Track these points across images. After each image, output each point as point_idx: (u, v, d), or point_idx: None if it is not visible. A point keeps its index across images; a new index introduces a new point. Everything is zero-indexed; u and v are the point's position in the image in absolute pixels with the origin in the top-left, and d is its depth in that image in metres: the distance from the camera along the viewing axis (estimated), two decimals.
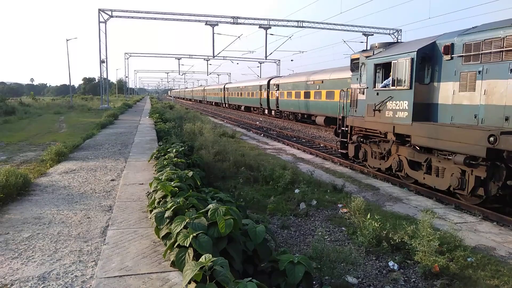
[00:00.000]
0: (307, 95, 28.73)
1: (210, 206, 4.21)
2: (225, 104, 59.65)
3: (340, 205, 8.25)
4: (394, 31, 42.66)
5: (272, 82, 37.19)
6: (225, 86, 59.08)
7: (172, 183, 5.54)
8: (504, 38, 7.80)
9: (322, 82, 26.50)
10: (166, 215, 4.45)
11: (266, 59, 46.79)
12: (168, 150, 9.18)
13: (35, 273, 3.76)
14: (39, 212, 5.70)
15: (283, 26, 40.22)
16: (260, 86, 40.56)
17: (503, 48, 7.81)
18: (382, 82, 11.24)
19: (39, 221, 5.29)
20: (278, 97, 35.26)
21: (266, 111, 39.40)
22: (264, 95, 39.09)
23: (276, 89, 35.67)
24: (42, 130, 19.71)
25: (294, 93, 31.21)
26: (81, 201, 6.28)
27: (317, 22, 40.91)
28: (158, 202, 5.24)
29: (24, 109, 34.55)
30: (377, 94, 11.24)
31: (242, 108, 50.54)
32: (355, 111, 13.04)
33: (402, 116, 10.20)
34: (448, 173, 9.04)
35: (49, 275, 3.73)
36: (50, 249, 4.35)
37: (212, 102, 71.67)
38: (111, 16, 37.79)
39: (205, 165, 9.66)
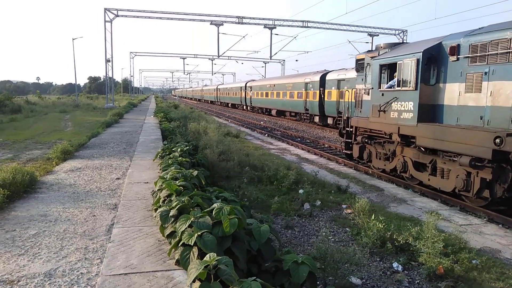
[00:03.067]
0: (266, 94, 39.64)
1: (215, 205, 4.22)
2: (218, 102, 69.16)
3: (344, 206, 8.24)
4: (399, 31, 42.44)
5: (248, 84, 47.83)
6: (218, 87, 69.79)
7: (177, 182, 5.56)
8: (511, 39, 7.75)
9: (274, 85, 36.87)
10: (171, 213, 4.46)
11: (270, 59, 46.95)
12: (173, 149, 9.21)
13: (42, 270, 3.80)
14: (45, 209, 5.75)
15: (288, 26, 40.15)
16: (241, 87, 50.64)
17: (509, 49, 7.76)
18: (387, 83, 11.21)
19: (45, 219, 5.34)
20: (251, 96, 45.79)
21: (245, 107, 50.29)
22: (243, 94, 49.35)
23: (250, 90, 46.18)
24: (48, 128, 19.85)
25: (260, 93, 42.09)
26: (87, 199, 6.33)
27: (322, 22, 40.81)
28: (163, 201, 5.26)
29: (30, 108, 34.83)
30: (382, 94, 11.21)
31: (229, 105, 59.75)
32: (360, 111, 13.01)
33: (407, 117, 10.16)
34: (453, 175, 8.99)
35: (55, 272, 3.77)
36: (56, 247, 4.39)
37: (208, 100, 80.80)
38: (117, 16, 37.93)
39: (209, 165, 9.68)
